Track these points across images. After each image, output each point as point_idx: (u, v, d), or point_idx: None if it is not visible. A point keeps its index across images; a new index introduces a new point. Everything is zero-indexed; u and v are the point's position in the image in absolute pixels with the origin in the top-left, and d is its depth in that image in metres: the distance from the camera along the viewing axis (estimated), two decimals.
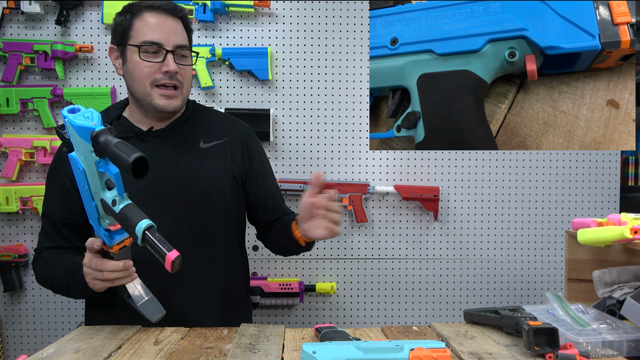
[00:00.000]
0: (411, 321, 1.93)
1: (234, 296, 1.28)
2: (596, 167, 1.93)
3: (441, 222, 1.92)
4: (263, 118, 1.81)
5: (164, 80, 1.15)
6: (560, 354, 0.84)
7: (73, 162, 0.84)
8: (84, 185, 0.85)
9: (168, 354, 0.89)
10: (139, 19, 1.15)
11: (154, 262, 1.17)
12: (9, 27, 1.82)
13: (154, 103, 1.16)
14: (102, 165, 0.81)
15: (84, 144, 0.80)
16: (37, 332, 1.86)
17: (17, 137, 1.79)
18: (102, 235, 0.91)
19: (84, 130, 0.79)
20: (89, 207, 0.88)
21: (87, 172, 0.82)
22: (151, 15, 1.15)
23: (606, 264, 1.22)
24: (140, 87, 1.16)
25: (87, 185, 0.84)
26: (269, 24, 1.87)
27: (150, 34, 1.14)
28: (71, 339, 0.97)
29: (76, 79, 1.84)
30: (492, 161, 1.92)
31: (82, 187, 0.86)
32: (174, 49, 1.15)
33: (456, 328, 1.05)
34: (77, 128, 0.79)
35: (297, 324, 1.91)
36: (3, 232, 1.84)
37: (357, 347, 0.77)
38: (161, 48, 1.14)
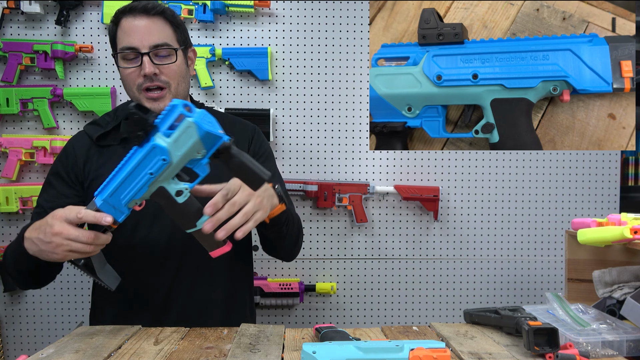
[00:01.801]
0: (411, 321, 1.93)
1: (238, 297, 1.27)
2: (596, 167, 1.93)
3: (441, 222, 1.92)
4: (263, 118, 1.81)
5: (146, 84, 1.13)
6: (560, 354, 0.84)
7: (152, 150, 0.83)
8: (148, 172, 0.85)
9: (168, 354, 0.89)
10: (119, 26, 1.15)
11: (155, 263, 1.18)
12: (9, 27, 1.82)
13: (144, 107, 1.16)
14: (202, 166, 0.85)
15: (197, 145, 0.82)
16: (37, 332, 1.86)
17: (17, 137, 1.79)
18: (119, 213, 0.90)
19: (211, 137, 0.81)
20: (128, 188, 0.87)
21: (173, 164, 0.83)
22: (126, 20, 1.14)
23: (606, 264, 1.22)
24: (130, 92, 1.17)
25: (155, 172, 0.84)
26: (269, 24, 1.87)
27: (125, 39, 1.13)
28: (71, 339, 0.97)
29: (76, 79, 1.84)
30: (492, 161, 1.92)
31: (142, 172, 0.85)
32: (150, 50, 1.12)
33: (456, 328, 1.05)
34: (203, 132, 0.81)
35: (297, 324, 1.91)
36: (3, 232, 1.84)
37: (357, 347, 0.77)
38: (136, 52, 1.12)
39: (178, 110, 0.81)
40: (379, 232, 1.91)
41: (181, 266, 1.18)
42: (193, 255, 1.17)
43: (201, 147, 0.83)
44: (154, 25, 1.14)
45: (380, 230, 1.91)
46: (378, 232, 1.91)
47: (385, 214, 1.91)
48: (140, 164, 0.85)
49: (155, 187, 0.87)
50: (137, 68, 1.13)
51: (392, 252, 1.92)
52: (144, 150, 0.84)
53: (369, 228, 1.91)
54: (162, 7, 1.16)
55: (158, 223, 1.17)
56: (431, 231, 1.92)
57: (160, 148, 0.82)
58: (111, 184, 0.88)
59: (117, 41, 1.15)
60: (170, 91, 1.16)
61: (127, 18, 1.14)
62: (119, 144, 1.20)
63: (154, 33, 1.13)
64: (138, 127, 0.83)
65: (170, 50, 1.15)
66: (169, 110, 0.82)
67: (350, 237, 1.91)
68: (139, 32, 1.12)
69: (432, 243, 1.92)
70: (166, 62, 1.15)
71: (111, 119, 1.23)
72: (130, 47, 1.12)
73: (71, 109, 1.83)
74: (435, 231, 1.92)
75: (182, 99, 1.21)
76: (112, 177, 0.88)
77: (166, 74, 1.15)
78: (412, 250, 1.92)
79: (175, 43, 1.17)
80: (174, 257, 1.18)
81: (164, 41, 1.14)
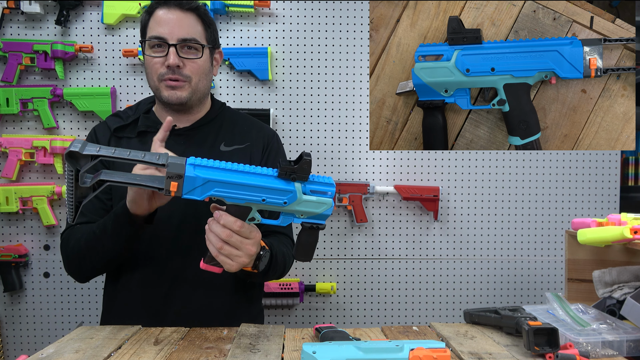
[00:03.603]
0: (411, 321, 1.93)
1: (240, 300, 1.26)
2: (596, 167, 1.93)
3: (441, 222, 1.92)
4: (263, 118, 1.81)
5: (167, 75, 1.15)
6: (560, 354, 0.84)
7: (287, 191, 0.91)
8: (262, 195, 0.90)
9: (168, 354, 0.89)
10: (152, 15, 1.17)
11: (155, 264, 1.18)
12: (9, 27, 1.82)
13: (161, 95, 1.18)
14: (288, 219, 0.94)
15: (311, 214, 0.94)
16: (37, 332, 1.86)
17: (17, 137, 1.79)
18: (197, 189, 0.89)
19: (323, 217, 0.95)
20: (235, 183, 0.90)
21: (282, 208, 0.92)
22: (161, 10, 1.16)
23: (606, 264, 1.22)
24: (151, 81, 1.19)
25: (264, 201, 0.91)
26: (269, 24, 1.87)
27: (156, 28, 1.15)
28: (71, 339, 0.97)
29: (76, 79, 1.84)
30: (492, 161, 1.92)
31: (257, 190, 0.90)
32: (178, 42, 1.14)
33: (456, 328, 1.05)
34: (328, 214, 0.95)
35: (297, 324, 1.91)
36: (3, 232, 1.85)
37: (357, 347, 0.77)
38: (164, 42, 1.14)
39: (330, 189, 0.93)
40: (379, 232, 1.91)
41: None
42: (195, 257, 1.18)
43: (311, 216, 0.93)
44: (185, 19, 1.16)
45: (380, 230, 1.91)
46: (378, 232, 1.91)
47: (385, 214, 1.91)
48: (267, 186, 0.90)
49: (246, 203, 0.91)
50: (162, 58, 1.15)
51: (392, 252, 1.92)
52: (281, 184, 0.90)
53: (369, 228, 1.91)
54: (196, 3, 1.19)
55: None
56: (431, 231, 1.92)
57: (293, 196, 0.90)
58: (224, 171, 0.89)
59: (147, 30, 1.17)
60: (191, 85, 1.18)
61: (161, 9, 1.16)
62: (136, 137, 1.22)
63: (184, 27, 1.16)
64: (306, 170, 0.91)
65: (197, 46, 1.17)
66: (326, 182, 0.93)
67: (350, 237, 1.91)
68: (169, 24, 1.15)
69: (432, 243, 1.92)
70: (191, 56, 1.17)
71: (132, 112, 1.26)
72: (159, 37, 1.15)
73: (71, 109, 1.83)
74: (435, 231, 1.92)
75: (202, 96, 1.23)
76: (227, 167, 0.89)
77: (189, 68, 1.17)
78: (412, 250, 1.92)
79: (204, 40, 1.19)
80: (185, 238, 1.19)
81: (193, 36, 1.16)
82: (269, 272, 1.11)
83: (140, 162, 0.86)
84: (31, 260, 1.85)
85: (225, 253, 0.92)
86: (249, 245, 0.93)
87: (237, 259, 0.93)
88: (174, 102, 1.17)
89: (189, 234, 1.18)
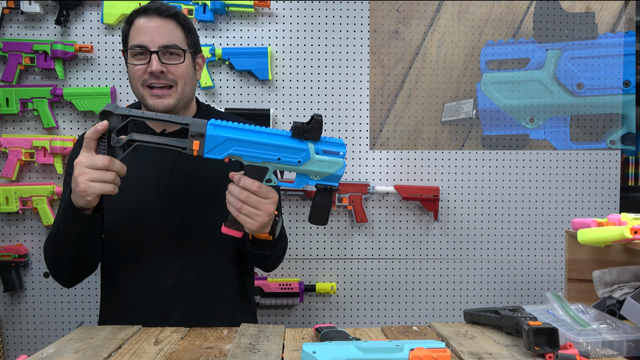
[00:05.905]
0: (411, 321, 1.93)
1: (240, 297, 1.27)
2: (596, 167, 1.93)
3: (441, 222, 1.92)
4: (263, 118, 1.81)
5: (150, 81, 1.16)
6: (560, 354, 0.84)
7: (300, 150, 0.96)
8: (277, 154, 0.96)
9: (168, 354, 0.89)
10: (132, 25, 1.18)
11: (157, 264, 1.19)
12: (8, 27, 1.82)
13: (147, 103, 1.18)
14: (303, 182, 0.99)
15: (324, 175, 0.98)
16: (37, 332, 1.86)
17: (17, 137, 1.79)
18: (218, 149, 0.94)
19: (336, 178, 0.98)
20: (250, 142, 0.94)
21: (297, 168, 0.97)
22: (141, 19, 1.17)
23: (606, 264, 1.22)
24: (135, 89, 1.19)
25: (280, 161, 0.96)
26: (269, 24, 1.87)
27: (137, 37, 1.16)
28: (71, 339, 0.97)
29: (76, 79, 1.84)
30: (492, 161, 1.92)
31: (273, 148, 0.95)
32: (159, 49, 1.15)
33: (456, 328, 1.05)
34: (340, 174, 0.99)
35: (297, 324, 1.91)
36: (3, 232, 1.84)
37: (357, 347, 0.77)
38: (146, 50, 1.15)
39: (341, 149, 0.96)
40: (379, 232, 1.91)
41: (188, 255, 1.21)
42: (194, 257, 1.18)
43: (324, 177, 0.97)
44: (165, 26, 1.17)
45: (380, 230, 1.91)
46: (378, 232, 1.91)
47: (385, 214, 1.91)
48: (282, 145, 0.95)
49: (263, 162, 0.96)
50: (144, 65, 1.16)
51: (392, 252, 1.92)
52: (295, 143, 0.95)
53: (369, 228, 1.91)
54: (175, 10, 1.20)
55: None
56: (431, 231, 1.92)
57: (307, 155, 0.95)
58: (242, 130, 0.94)
59: (129, 39, 1.18)
60: (177, 90, 1.18)
61: (141, 17, 1.17)
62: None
63: (164, 34, 1.16)
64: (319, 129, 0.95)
65: (179, 52, 1.18)
66: (338, 142, 0.97)
67: (350, 237, 1.91)
68: (150, 32, 1.15)
69: (432, 243, 1.92)
70: (174, 61, 1.18)
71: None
72: (140, 45, 1.15)
73: (71, 109, 1.83)
74: (435, 231, 1.92)
75: (188, 100, 1.23)
76: (245, 127, 0.94)
77: (173, 72, 1.17)
78: (412, 250, 1.92)
79: (185, 45, 1.20)
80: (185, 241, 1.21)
81: (174, 42, 1.17)
82: (279, 242, 1.16)
83: (166, 122, 0.93)
84: (31, 260, 1.85)
85: (245, 212, 0.97)
86: (267, 204, 0.98)
87: (257, 218, 0.98)
88: (160, 110, 1.17)
89: (189, 234, 1.18)
